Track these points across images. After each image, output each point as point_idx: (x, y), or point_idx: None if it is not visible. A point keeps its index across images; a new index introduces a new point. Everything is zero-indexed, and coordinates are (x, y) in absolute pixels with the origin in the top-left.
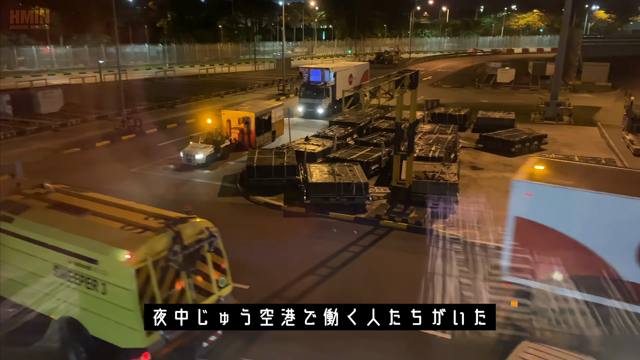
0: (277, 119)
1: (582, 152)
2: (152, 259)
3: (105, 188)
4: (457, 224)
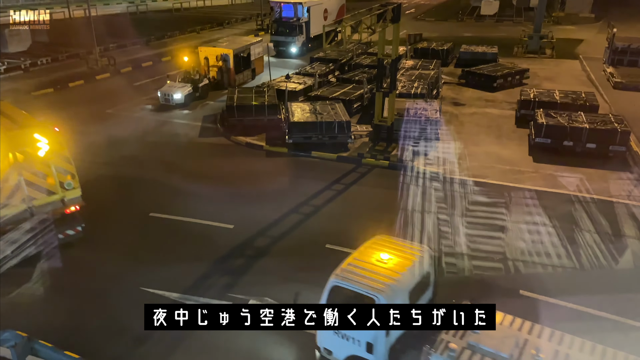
0: (256, 56)
1: (562, 86)
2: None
3: (82, 129)
4: (438, 160)
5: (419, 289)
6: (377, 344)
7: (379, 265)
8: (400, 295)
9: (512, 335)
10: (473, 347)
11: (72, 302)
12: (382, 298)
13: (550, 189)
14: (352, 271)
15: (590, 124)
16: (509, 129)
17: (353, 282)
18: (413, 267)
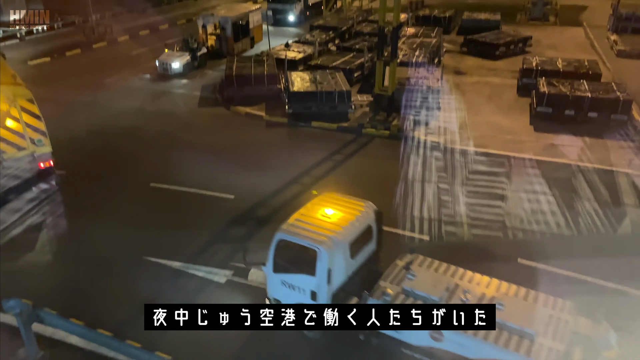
0: (255, 24)
1: (565, 54)
2: None
3: (79, 100)
4: (439, 130)
5: (360, 241)
6: (320, 292)
7: (323, 219)
8: (341, 247)
9: (444, 280)
10: (407, 291)
11: (76, 270)
12: (323, 249)
13: (551, 158)
14: (297, 226)
15: (592, 93)
16: (510, 98)
17: (297, 236)
18: (354, 221)
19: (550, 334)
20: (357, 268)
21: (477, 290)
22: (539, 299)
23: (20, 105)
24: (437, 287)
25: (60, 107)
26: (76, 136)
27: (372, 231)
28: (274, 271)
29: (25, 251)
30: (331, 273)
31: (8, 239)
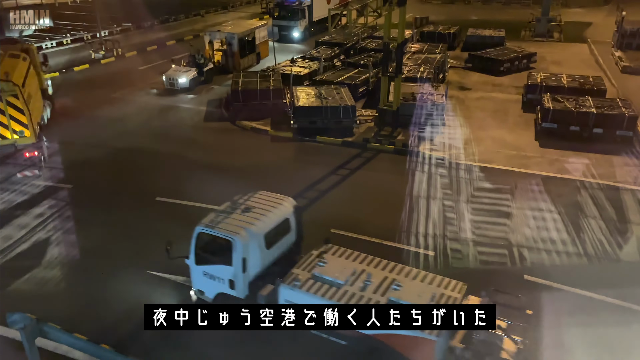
0: (261, 40)
1: (570, 70)
2: None
3: (87, 114)
4: (444, 145)
5: (277, 233)
6: (237, 281)
7: (242, 214)
8: (255, 238)
9: (351, 266)
10: (316, 277)
11: (80, 285)
12: (237, 240)
13: (556, 174)
14: (215, 220)
15: (597, 109)
16: (515, 114)
17: (214, 228)
18: (270, 214)
19: None
20: (275, 258)
21: (381, 274)
22: (435, 281)
23: (6, 99)
24: (343, 272)
25: (68, 121)
26: (82, 150)
27: (290, 224)
28: (196, 263)
29: (31, 266)
30: (246, 262)
31: (15, 254)
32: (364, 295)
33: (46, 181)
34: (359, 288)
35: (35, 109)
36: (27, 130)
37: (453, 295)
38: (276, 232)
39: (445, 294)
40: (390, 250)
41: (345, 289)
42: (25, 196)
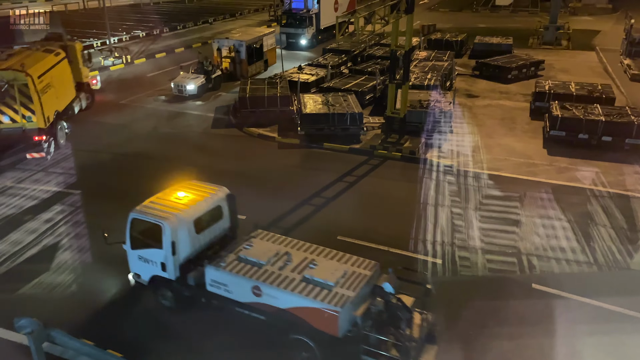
0: (269, 47)
1: (578, 78)
2: None
3: (95, 120)
4: (451, 152)
5: (207, 219)
6: (168, 263)
7: (173, 201)
8: (184, 223)
9: (275, 249)
10: (241, 258)
11: (88, 292)
12: (166, 224)
13: (565, 182)
14: (149, 206)
15: (606, 117)
16: (523, 121)
17: (146, 214)
18: (202, 201)
19: (346, 285)
20: (207, 243)
21: (301, 255)
22: (350, 260)
23: (18, 88)
24: (266, 253)
25: (76, 127)
26: (90, 156)
27: (222, 211)
28: (132, 248)
29: (40, 272)
30: (175, 245)
31: (24, 258)
32: (282, 273)
33: (54, 186)
34: (278, 267)
35: (54, 99)
36: (34, 116)
37: (363, 272)
38: (207, 219)
39: (356, 271)
40: (397, 258)
41: (265, 268)
42: (35, 201)
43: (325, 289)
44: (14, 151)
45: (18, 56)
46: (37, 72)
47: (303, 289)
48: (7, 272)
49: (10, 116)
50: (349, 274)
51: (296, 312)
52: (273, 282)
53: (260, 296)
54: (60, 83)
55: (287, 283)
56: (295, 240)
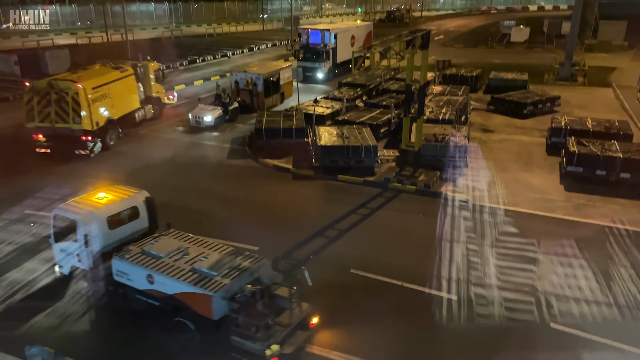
0: (285, 81)
1: (595, 114)
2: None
3: (113, 150)
4: (466, 187)
5: (122, 218)
6: (82, 255)
7: (93, 200)
8: (97, 219)
9: (177, 244)
10: (144, 252)
11: (101, 321)
12: (79, 219)
13: (583, 219)
14: (69, 204)
15: (624, 153)
16: (539, 157)
17: (65, 211)
18: (118, 201)
19: (226, 275)
20: (121, 238)
21: (199, 250)
22: (240, 255)
23: (71, 96)
24: (167, 248)
25: (97, 156)
26: (104, 184)
27: (139, 212)
28: (55, 241)
29: (53, 300)
30: (88, 239)
31: (38, 287)
32: (175, 264)
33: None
34: (174, 260)
35: (108, 107)
36: (81, 119)
37: (246, 265)
38: (121, 217)
39: (240, 264)
40: (411, 293)
41: (162, 260)
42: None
43: (208, 277)
44: (67, 146)
45: (85, 71)
46: (91, 85)
47: (188, 277)
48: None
49: (63, 117)
50: (233, 266)
51: (181, 297)
52: (164, 271)
53: (153, 283)
54: (119, 95)
55: (176, 272)
56: (203, 239)
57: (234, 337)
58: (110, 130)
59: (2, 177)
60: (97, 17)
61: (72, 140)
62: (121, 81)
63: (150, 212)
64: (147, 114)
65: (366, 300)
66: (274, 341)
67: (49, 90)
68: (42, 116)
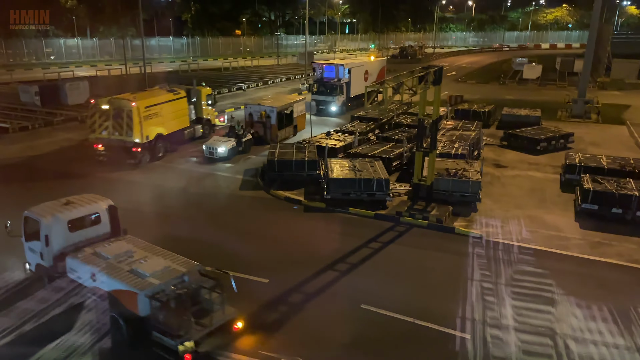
0: (298, 114)
1: (609, 151)
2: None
3: (127, 179)
4: (479, 222)
5: (83, 223)
6: (44, 253)
7: (60, 205)
8: (58, 222)
9: (127, 248)
10: (96, 252)
11: (108, 354)
12: (42, 221)
13: (599, 258)
14: (38, 207)
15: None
16: (553, 193)
17: (32, 212)
18: (81, 207)
19: (158, 276)
20: (82, 241)
21: (143, 254)
22: (177, 260)
23: (126, 112)
24: (116, 251)
25: (110, 184)
26: (121, 214)
27: (102, 218)
28: (25, 240)
29: (62, 331)
30: (49, 239)
31: (48, 317)
32: (117, 265)
33: None
34: (117, 261)
35: (159, 124)
36: (132, 131)
37: (178, 269)
38: (83, 222)
39: (174, 268)
40: (423, 331)
41: (108, 261)
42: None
43: (140, 277)
44: (120, 156)
45: (142, 92)
46: (144, 104)
47: (123, 276)
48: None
49: (118, 131)
50: (166, 270)
51: (115, 294)
52: (104, 270)
53: (95, 281)
54: (169, 114)
55: (114, 272)
56: (153, 246)
57: (154, 333)
58: (160, 145)
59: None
60: (116, 50)
61: (124, 150)
62: (173, 102)
63: (113, 218)
64: (196, 132)
65: (376, 336)
66: (189, 339)
67: (108, 107)
68: (101, 129)
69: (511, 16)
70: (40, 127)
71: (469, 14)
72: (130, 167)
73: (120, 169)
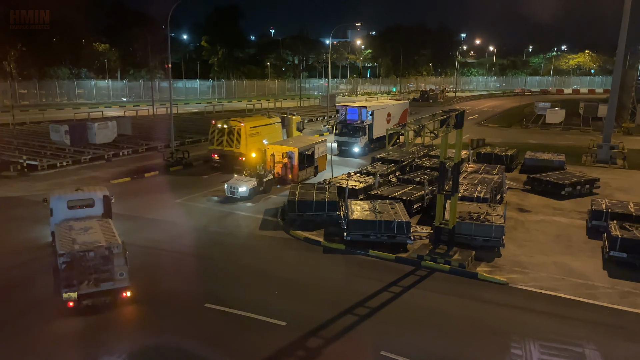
0: (320, 155)
1: (637, 198)
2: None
3: (150, 217)
4: (503, 268)
5: (79, 203)
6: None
7: (69, 191)
8: (60, 200)
9: (92, 224)
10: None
11: None
12: (50, 197)
13: (630, 309)
14: (57, 190)
15: None
16: (579, 240)
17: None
18: (80, 192)
19: (81, 244)
20: (76, 218)
21: (93, 231)
22: (109, 237)
23: (236, 131)
24: (81, 225)
25: (132, 222)
26: (137, 252)
27: (95, 202)
28: (50, 215)
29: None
30: (52, 211)
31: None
32: (67, 231)
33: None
34: (71, 229)
35: (259, 141)
36: (240, 147)
37: (101, 243)
38: (77, 202)
39: (97, 241)
40: None
41: (67, 228)
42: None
43: (71, 242)
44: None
45: (248, 117)
46: (249, 125)
47: (63, 236)
48: None
49: (230, 144)
50: (92, 242)
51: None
52: (56, 231)
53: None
54: (266, 134)
55: (60, 234)
56: (114, 231)
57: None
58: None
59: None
60: (145, 92)
61: (232, 159)
62: (270, 126)
63: (105, 204)
64: None
65: None
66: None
67: (224, 126)
68: (217, 142)
69: (533, 62)
70: (68, 165)
71: (490, 59)
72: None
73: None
